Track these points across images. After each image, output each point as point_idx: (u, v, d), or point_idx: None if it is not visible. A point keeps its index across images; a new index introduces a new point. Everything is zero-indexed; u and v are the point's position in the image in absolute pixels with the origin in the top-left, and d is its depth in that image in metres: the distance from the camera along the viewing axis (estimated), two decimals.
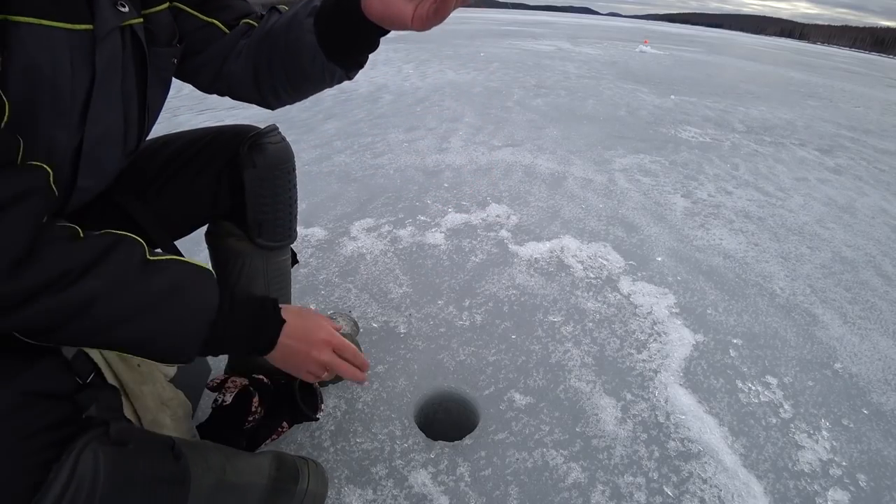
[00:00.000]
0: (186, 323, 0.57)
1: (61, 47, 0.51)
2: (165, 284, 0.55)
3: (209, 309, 0.58)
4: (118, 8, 0.57)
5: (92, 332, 0.51)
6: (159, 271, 0.55)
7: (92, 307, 0.49)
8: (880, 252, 2.06)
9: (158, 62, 0.66)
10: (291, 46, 0.68)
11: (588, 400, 1.14)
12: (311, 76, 0.71)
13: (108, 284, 0.50)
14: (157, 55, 0.66)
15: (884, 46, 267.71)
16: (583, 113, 4.07)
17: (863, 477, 1.02)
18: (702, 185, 2.64)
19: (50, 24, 0.49)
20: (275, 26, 0.71)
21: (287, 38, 0.68)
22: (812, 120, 4.78)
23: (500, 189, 2.33)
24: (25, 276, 0.45)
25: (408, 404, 1.09)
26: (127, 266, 0.52)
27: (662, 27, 42.12)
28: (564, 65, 7.10)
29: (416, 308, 1.42)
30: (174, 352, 0.58)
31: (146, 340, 0.55)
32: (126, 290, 0.52)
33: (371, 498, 0.89)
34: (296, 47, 0.67)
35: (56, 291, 0.47)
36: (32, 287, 0.46)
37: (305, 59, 0.68)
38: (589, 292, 1.56)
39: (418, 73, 5.51)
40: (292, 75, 0.72)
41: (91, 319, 0.50)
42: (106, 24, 0.55)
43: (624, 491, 0.94)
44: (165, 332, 0.55)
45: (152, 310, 0.54)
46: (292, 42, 0.67)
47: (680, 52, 12.11)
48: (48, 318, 0.48)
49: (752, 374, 1.28)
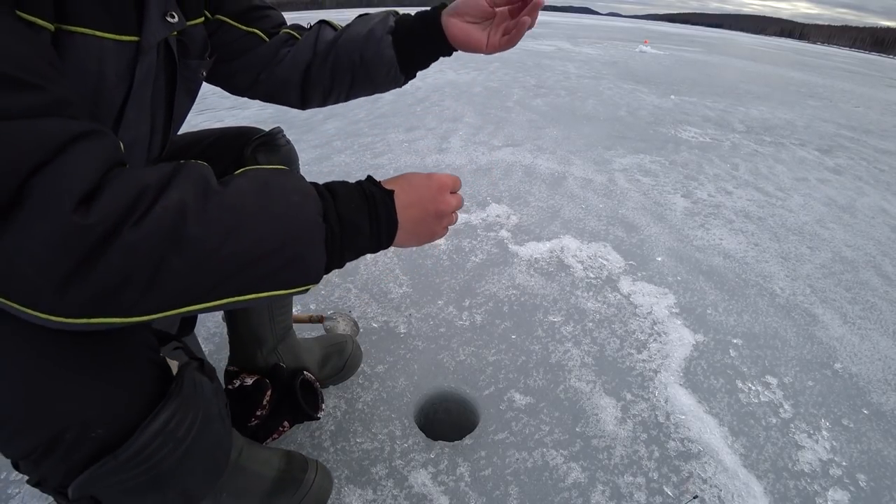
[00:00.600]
0: (295, 221, 0.47)
1: (109, 58, 0.51)
2: (254, 181, 0.47)
3: (309, 197, 0.49)
4: (167, 19, 0.57)
5: (195, 264, 0.41)
6: (238, 176, 0.48)
7: (184, 225, 0.40)
8: (880, 252, 2.06)
9: (188, 73, 0.67)
10: (369, 59, 0.77)
11: (588, 400, 1.14)
12: (378, 85, 0.81)
13: (188, 193, 0.41)
14: (188, 67, 0.67)
15: (884, 46, 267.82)
16: (583, 113, 4.07)
17: (863, 477, 1.02)
18: (702, 185, 2.64)
19: (102, 35, 0.49)
20: (344, 40, 0.79)
21: (364, 52, 0.77)
22: (812, 120, 4.78)
23: (500, 189, 2.33)
24: (95, 209, 0.37)
25: (408, 404, 1.09)
26: (203, 174, 0.45)
27: (662, 27, 42.13)
28: (564, 65, 7.10)
29: (416, 308, 1.42)
30: (299, 264, 0.47)
31: (262, 257, 0.44)
32: (211, 197, 0.43)
33: (371, 498, 0.89)
34: (374, 61, 0.77)
35: (140, 218, 0.39)
36: (107, 218, 0.37)
37: (381, 71, 0.78)
38: (589, 292, 1.56)
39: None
40: (359, 83, 0.81)
41: (190, 244, 0.40)
42: (152, 38, 0.55)
43: (624, 491, 0.94)
44: (277, 237, 0.45)
45: (255, 213, 0.44)
46: (371, 56, 0.77)
47: (680, 52, 12.11)
48: (138, 258, 0.38)
49: (752, 374, 1.28)
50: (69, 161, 0.37)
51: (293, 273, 0.47)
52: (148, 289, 0.40)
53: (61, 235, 0.36)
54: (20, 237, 0.35)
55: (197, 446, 0.55)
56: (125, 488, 0.50)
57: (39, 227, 0.36)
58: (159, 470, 0.51)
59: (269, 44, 0.80)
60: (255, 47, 0.79)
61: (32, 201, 0.36)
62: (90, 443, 0.47)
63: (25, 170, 0.36)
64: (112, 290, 0.38)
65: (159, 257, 0.39)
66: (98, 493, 0.50)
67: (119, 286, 0.38)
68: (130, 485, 0.50)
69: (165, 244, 0.39)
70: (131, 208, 0.38)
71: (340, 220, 0.51)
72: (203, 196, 0.42)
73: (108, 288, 0.38)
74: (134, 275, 0.39)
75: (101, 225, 0.37)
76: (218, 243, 0.42)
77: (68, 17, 0.46)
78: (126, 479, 0.49)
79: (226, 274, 0.43)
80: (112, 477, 0.48)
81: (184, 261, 0.40)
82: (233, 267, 0.43)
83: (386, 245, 0.56)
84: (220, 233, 0.42)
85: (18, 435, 0.46)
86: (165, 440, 0.50)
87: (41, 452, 0.46)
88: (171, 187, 0.41)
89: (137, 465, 0.49)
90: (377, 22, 0.77)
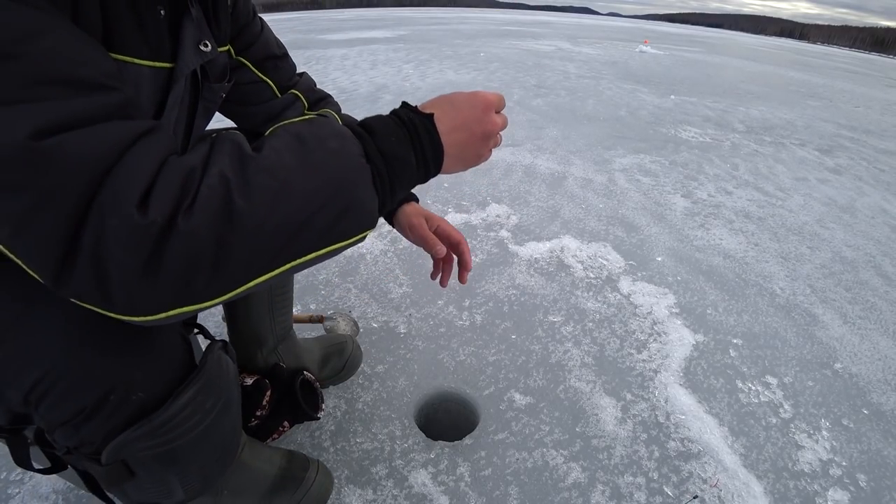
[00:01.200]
0: (337, 166, 0.45)
1: (144, 83, 0.53)
2: (287, 138, 0.45)
3: (346, 139, 0.47)
4: (201, 48, 0.59)
5: (252, 235, 0.41)
6: (270, 135, 0.46)
7: (230, 200, 0.40)
8: (880, 252, 2.06)
9: (209, 95, 0.70)
10: None
11: (588, 400, 1.14)
12: None
13: (226, 166, 0.41)
14: (210, 90, 0.69)
15: (884, 46, 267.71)
16: (583, 113, 4.07)
17: (863, 477, 1.02)
18: (702, 185, 2.64)
19: (140, 62, 0.51)
20: None
21: None
22: (812, 120, 4.78)
23: (500, 189, 2.33)
24: (151, 205, 0.38)
25: (408, 404, 1.09)
26: (238, 142, 0.44)
27: (662, 27, 42.11)
28: (564, 65, 7.10)
29: (416, 308, 1.42)
30: (354, 211, 0.46)
31: (314, 211, 0.43)
32: (248, 164, 0.42)
33: (371, 498, 0.89)
34: None
35: (189, 203, 0.39)
36: (163, 212, 0.38)
37: None
38: (589, 292, 1.56)
39: (418, 73, 5.51)
40: None
41: (241, 217, 0.40)
42: (186, 66, 0.57)
43: (624, 491, 0.94)
44: (324, 188, 0.44)
45: (295, 168, 0.43)
46: None
47: (680, 52, 12.11)
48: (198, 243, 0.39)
49: (752, 374, 1.28)
50: (132, 161, 0.39)
51: (349, 222, 0.46)
52: (214, 270, 0.40)
53: (128, 235, 0.37)
54: (98, 240, 0.37)
55: (218, 423, 0.59)
56: (154, 454, 0.54)
57: (112, 229, 0.37)
58: (185, 440, 0.55)
59: (278, 101, 0.86)
60: (266, 100, 0.85)
61: (102, 201, 0.37)
62: (129, 406, 0.50)
63: (100, 170, 0.37)
64: (181, 279, 0.39)
65: (217, 237, 0.39)
66: (129, 458, 0.53)
67: (186, 274, 0.39)
68: (160, 451, 0.54)
69: (218, 223, 0.39)
70: (182, 196, 0.39)
71: (384, 156, 0.48)
72: (240, 165, 0.42)
73: (178, 278, 0.39)
74: (198, 260, 0.39)
75: (159, 219, 0.38)
76: (268, 210, 0.41)
77: (113, 45, 0.47)
78: (156, 444, 0.53)
79: (283, 238, 0.42)
80: (144, 441, 0.52)
81: (239, 235, 0.40)
82: (289, 230, 0.42)
83: (434, 173, 0.54)
84: (266, 199, 0.41)
85: (70, 395, 0.48)
86: (194, 410, 0.55)
87: (87, 414, 0.49)
88: (210, 164, 0.41)
89: (168, 430, 0.53)
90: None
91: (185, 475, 0.60)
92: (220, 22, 0.69)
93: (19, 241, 0.37)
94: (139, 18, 0.50)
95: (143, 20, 0.50)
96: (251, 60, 0.81)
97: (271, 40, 0.84)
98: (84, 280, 0.38)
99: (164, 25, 0.54)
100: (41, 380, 0.46)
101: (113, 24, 0.47)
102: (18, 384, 0.47)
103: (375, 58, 6.63)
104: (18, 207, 0.36)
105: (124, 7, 0.48)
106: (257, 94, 0.84)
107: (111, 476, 0.54)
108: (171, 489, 0.60)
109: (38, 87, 0.36)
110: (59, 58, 0.38)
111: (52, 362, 0.46)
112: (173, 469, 0.58)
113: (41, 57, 0.37)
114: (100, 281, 0.38)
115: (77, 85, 0.38)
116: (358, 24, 14.53)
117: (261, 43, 0.81)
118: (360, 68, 5.70)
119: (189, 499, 0.64)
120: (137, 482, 0.56)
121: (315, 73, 5.29)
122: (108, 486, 0.56)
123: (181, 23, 0.56)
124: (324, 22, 16.39)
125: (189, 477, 0.61)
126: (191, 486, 0.62)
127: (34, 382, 0.46)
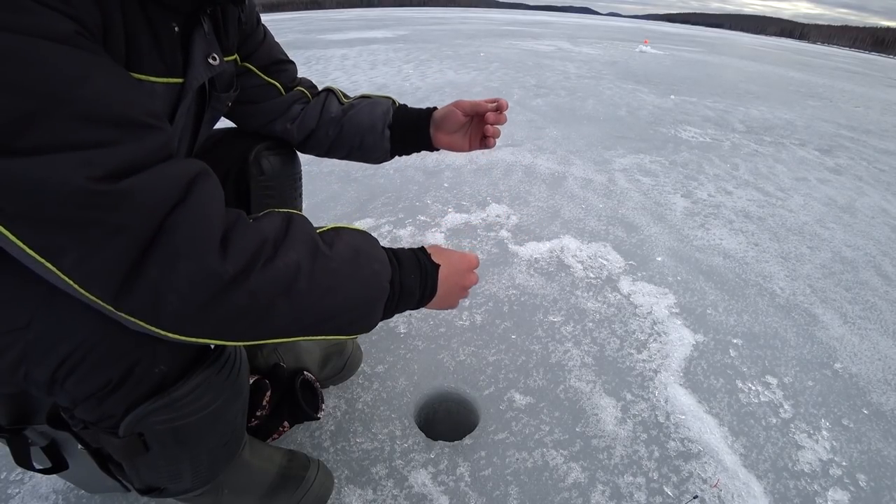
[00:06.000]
0: (373, 285, 0.57)
1: (158, 99, 0.55)
2: (349, 249, 0.55)
3: (385, 266, 0.59)
4: (209, 61, 0.62)
5: (296, 311, 0.50)
6: (337, 238, 0.56)
7: (297, 281, 0.49)
8: (880, 252, 2.06)
9: (215, 104, 0.72)
10: (368, 146, 0.94)
11: (588, 400, 1.14)
12: (367, 161, 0.99)
13: (303, 255, 0.50)
14: (217, 99, 0.71)
15: (884, 46, 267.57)
16: (583, 113, 4.07)
17: (863, 477, 1.02)
18: (702, 185, 2.64)
19: (155, 79, 0.53)
20: (349, 122, 0.93)
21: (365, 139, 0.93)
22: (812, 120, 4.77)
23: (500, 189, 2.33)
24: (230, 257, 0.45)
25: (408, 404, 1.09)
26: (312, 235, 0.53)
27: (662, 27, 42.11)
28: (564, 65, 7.10)
29: None
30: (364, 319, 0.58)
31: (342, 311, 0.54)
32: (318, 259, 0.52)
33: (371, 498, 0.89)
34: (372, 147, 0.94)
35: (262, 268, 0.47)
36: (238, 266, 0.45)
37: (375, 154, 0.96)
38: (589, 292, 1.56)
39: (418, 73, 5.51)
40: (353, 156, 0.98)
41: (297, 296, 0.49)
42: (196, 81, 0.59)
43: (624, 491, 0.94)
44: (358, 298, 0.55)
45: (347, 277, 0.54)
46: (370, 144, 0.93)
47: (680, 52, 12.11)
48: (258, 300, 0.47)
49: (752, 374, 1.28)
50: (199, 204, 0.44)
51: (357, 325, 0.57)
52: (256, 323, 0.48)
53: (205, 276, 0.43)
54: (165, 271, 0.42)
55: (229, 406, 0.62)
56: (169, 428, 0.56)
57: (185, 266, 0.42)
58: (199, 416, 0.57)
59: (285, 98, 0.90)
60: (273, 98, 0.89)
61: (176, 241, 0.42)
62: (151, 378, 0.53)
63: (162, 210, 0.42)
64: (229, 321, 0.47)
65: (272, 302, 0.48)
66: (145, 431, 0.55)
67: (236, 319, 0.47)
68: (176, 425, 0.56)
69: (280, 292, 0.48)
70: (254, 259, 0.47)
71: (402, 287, 0.61)
72: (313, 258, 0.51)
73: (227, 320, 0.47)
74: (248, 313, 0.47)
75: (234, 270, 0.45)
76: (317, 298, 0.51)
77: (131, 64, 0.49)
78: (172, 417, 0.55)
79: (313, 319, 0.53)
80: (162, 414, 0.54)
81: (290, 307, 0.49)
82: (322, 316, 0.53)
83: (422, 307, 0.66)
84: (321, 290, 0.51)
85: (99, 368, 0.49)
86: (208, 388, 0.57)
87: (112, 386, 0.51)
88: (288, 245, 0.50)
89: (185, 405, 0.55)
90: (379, 115, 0.92)
91: (195, 455, 0.62)
92: (230, 33, 0.71)
93: (83, 269, 0.40)
94: (156, 36, 0.51)
95: (159, 38, 0.52)
96: (257, 66, 0.84)
97: (275, 45, 0.88)
98: (139, 303, 0.43)
99: (178, 41, 0.55)
100: (71, 354, 0.48)
101: (132, 43, 0.48)
102: (47, 362, 0.48)
103: (375, 58, 6.63)
104: (84, 241, 0.39)
105: (143, 26, 0.49)
106: (265, 94, 0.88)
107: (127, 449, 0.56)
108: (180, 470, 0.62)
109: (91, 129, 0.39)
110: (108, 100, 0.40)
111: (83, 336, 0.48)
112: (185, 447, 0.60)
113: (93, 100, 0.39)
114: (155, 306, 0.43)
115: (128, 126, 0.41)
116: (358, 24, 14.53)
117: (265, 48, 0.84)
118: (360, 68, 5.69)
119: (194, 487, 0.65)
120: (151, 459, 0.58)
121: (315, 73, 5.29)
122: (123, 458, 0.58)
123: (192, 37, 0.58)
124: (324, 22, 16.39)
125: (198, 458, 0.63)
126: (198, 471, 0.63)
127: (64, 357, 0.48)
